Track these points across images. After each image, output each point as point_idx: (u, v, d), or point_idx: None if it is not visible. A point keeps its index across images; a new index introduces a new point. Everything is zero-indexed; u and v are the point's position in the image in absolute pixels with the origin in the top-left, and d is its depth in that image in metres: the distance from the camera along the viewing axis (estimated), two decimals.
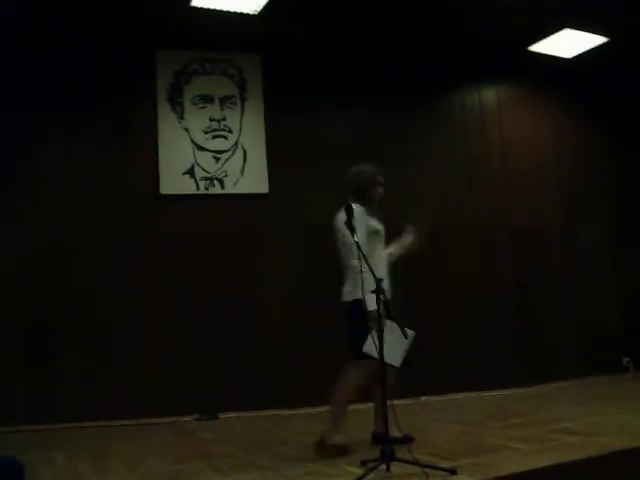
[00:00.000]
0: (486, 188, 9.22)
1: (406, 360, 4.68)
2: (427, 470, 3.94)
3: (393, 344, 4.45)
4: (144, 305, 7.63)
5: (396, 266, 8.35)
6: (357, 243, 4.49)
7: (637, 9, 8.03)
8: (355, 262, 4.85)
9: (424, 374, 8.06)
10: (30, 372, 7.14)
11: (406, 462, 4.10)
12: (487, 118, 9.42)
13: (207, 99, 8.14)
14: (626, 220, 9.74)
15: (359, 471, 4.12)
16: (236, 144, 8.16)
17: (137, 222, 7.77)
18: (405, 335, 4.43)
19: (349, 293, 5.26)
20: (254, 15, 7.55)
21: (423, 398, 8.08)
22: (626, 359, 9.38)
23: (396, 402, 4.41)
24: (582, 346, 9.28)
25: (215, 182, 8.03)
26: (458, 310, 8.76)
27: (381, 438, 4.55)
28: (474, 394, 8.29)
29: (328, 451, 4.85)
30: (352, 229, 4.56)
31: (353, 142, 8.57)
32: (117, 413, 7.17)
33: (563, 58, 9.27)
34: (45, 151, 7.55)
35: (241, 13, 7.50)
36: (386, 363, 4.36)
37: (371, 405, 5.40)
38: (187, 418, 7.30)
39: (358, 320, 4.87)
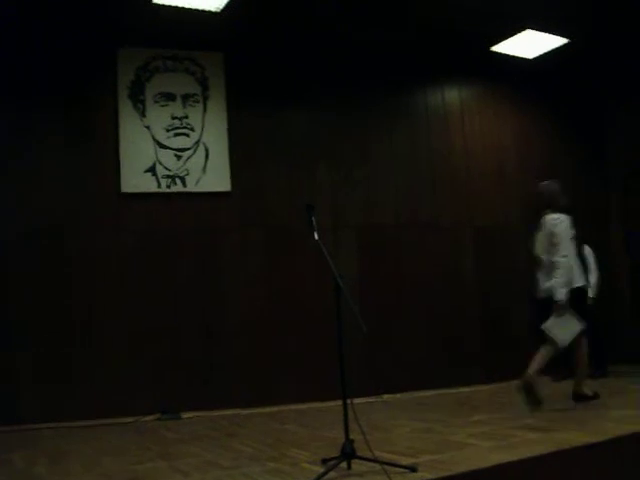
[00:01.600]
0: (449, 188, 9.25)
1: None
2: (387, 467, 3.93)
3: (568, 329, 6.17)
4: (106, 305, 7.55)
5: (362, 266, 8.48)
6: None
7: (598, 11, 8.13)
8: (564, 260, 6.19)
9: (386, 372, 8.11)
10: None
11: (366, 460, 4.10)
12: (450, 118, 9.47)
13: (169, 97, 8.07)
14: (587, 219, 9.80)
15: (319, 469, 4.11)
16: (198, 142, 8.11)
17: (98, 221, 7.68)
18: (578, 324, 6.16)
19: (555, 288, 6.22)
20: (216, 13, 7.50)
21: (385, 396, 8.09)
22: None
23: (357, 401, 4.39)
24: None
25: (177, 180, 7.97)
26: (421, 309, 8.79)
27: (581, 397, 6.41)
28: (437, 392, 8.33)
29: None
30: (313, 227, 4.52)
31: (315, 141, 8.60)
32: (78, 413, 7.07)
33: (525, 58, 9.35)
34: (3, 147, 7.40)
35: (203, 11, 7.45)
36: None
37: None
38: (149, 418, 7.23)
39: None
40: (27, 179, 7.46)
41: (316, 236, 4.50)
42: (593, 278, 8.85)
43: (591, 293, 8.70)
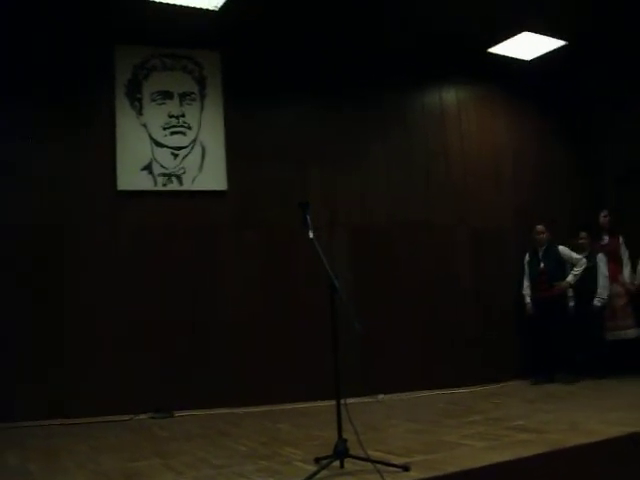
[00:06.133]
0: (444, 188, 9.26)
1: None
2: (379, 466, 3.94)
3: None
4: (100, 302, 7.54)
5: (356, 266, 8.49)
6: None
7: (594, 13, 8.16)
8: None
9: (381, 372, 8.11)
10: None
11: (359, 459, 4.11)
12: (447, 118, 9.48)
13: (166, 95, 8.07)
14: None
15: (312, 468, 4.12)
16: (195, 141, 8.11)
17: (94, 219, 7.67)
18: None
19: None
20: (215, 11, 7.51)
21: (380, 396, 8.10)
22: None
23: (352, 400, 4.40)
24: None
25: (173, 178, 7.97)
26: (415, 309, 8.79)
27: None
28: (432, 393, 8.34)
29: None
30: (307, 226, 4.52)
31: (311, 139, 8.61)
32: (71, 411, 7.08)
33: (523, 60, 9.37)
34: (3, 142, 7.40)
35: (201, 9, 7.45)
36: None
37: None
38: (142, 416, 7.23)
39: None
40: (23, 177, 7.44)
41: (311, 234, 4.49)
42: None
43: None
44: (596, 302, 8.83)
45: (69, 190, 7.59)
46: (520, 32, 8.52)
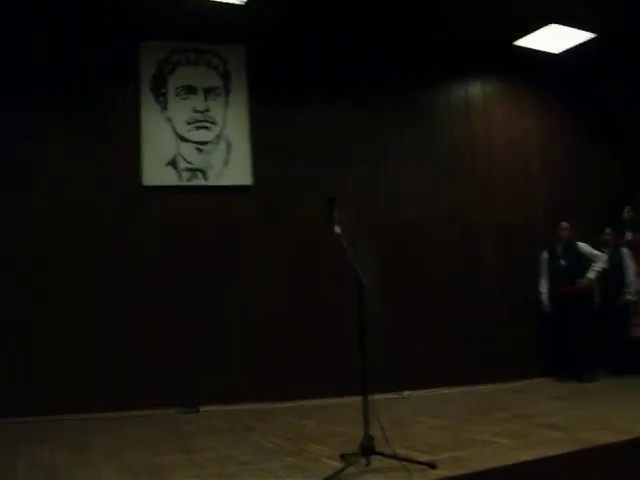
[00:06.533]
0: (471, 184, 9.17)
1: None
2: (406, 464, 3.90)
3: None
4: (127, 298, 7.54)
5: (383, 262, 8.42)
6: None
7: (626, 4, 8.01)
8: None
9: (407, 368, 8.05)
10: (9, 364, 7.03)
11: (385, 456, 4.06)
12: (473, 113, 9.37)
13: (191, 90, 8.05)
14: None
15: (338, 464, 4.08)
16: (219, 136, 8.09)
17: (119, 214, 7.68)
18: None
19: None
20: (240, 5, 7.47)
21: (405, 393, 8.04)
22: None
23: (377, 397, 4.35)
24: None
25: (198, 174, 7.95)
26: (442, 305, 8.72)
27: None
28: (457, 389, 8.27)
29: None
30: (333, 221, 4.48)
31: (337, 136, 8.55)
32: (98, 405, 7.08)
33: (551, 53, 9.23)
34: (24, 141, 7.42)
35: (227, 3, 7.42)
36: None
37: None
38: (168, 411, 7.24)
39: None
40: (49, 172, 7.48)
41: (337, 230, 4.46)
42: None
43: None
44: (628, 296, 8.73)
45: (94, 185, 7.61)
46: (549, 24, 8.38)
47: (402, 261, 8.65)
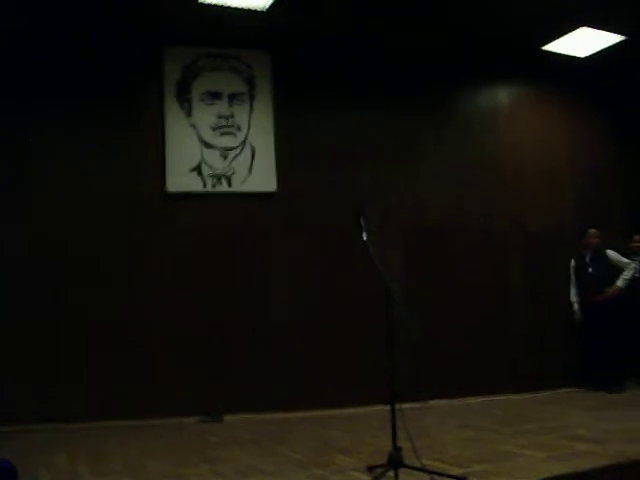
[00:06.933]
0: (499, 190, 9.05)
1: None
2: (436, 477, 3.81)
3: None
4: (150, 304, 7.50)
5: (409, 269, 8.33)
6: None
7: None
8: None
9: (432, 377, 7.94)
10: (32, 372, 7.02)
11: (414, 469, 3.97)
12: (501, 118, 9.26)
13: (215, 96, 8.00)
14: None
15: (366, 477, 4.00)
16: (244, 142, 8.03)
17: (143, 220, 7.64)
18: None
19: None
20: (263, 11, 7.43)
21: (431, 402, 7.92)
22: None
23: (403, 406, 4.26)
24: None
25: (222, 180, 7.90)
26: (468, 313, 8.59)
27: None
28: (485, 399, 8.15)
29: None
30: (361, 228, 4.42)
31: (364, 141, 8.46)
32: (120, 413, 7.04)
33: (578, 57, 9.11)
34: (51, 148, 7.42)
35: (249, 9, 7.38)
36: None
37: None
38: (191, 419, 7.17)
39: None
40: (74, 177, 7.46)
41: (365, 237, 4.40)
42: None
43: None
44: None
45: (119, 191, 7.58)
46: (580, 27, 8.24)
47: (430, 267, 8.54)
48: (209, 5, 7.24)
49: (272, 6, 7.31)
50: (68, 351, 7.16)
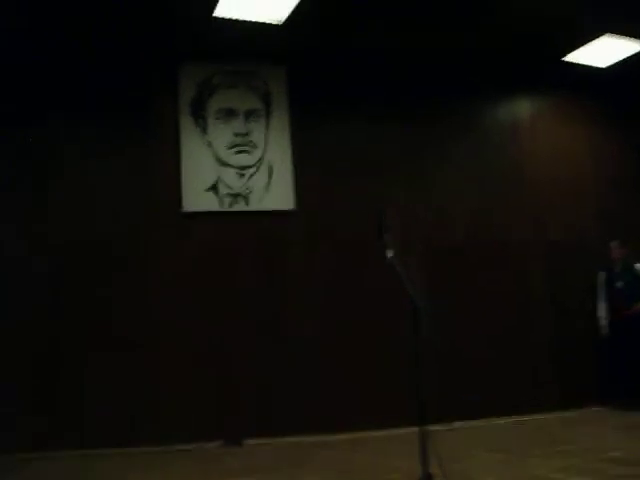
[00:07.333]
0: (520, 201, 8.87)
1: None
2: None
3: None
4: (166, 326, 7.36)
5: (432, 283, 8.13)
6: None
7: None
8: None
9: (457, 395, 7.74)
10: (49, 397, 6.89)
11: None
12: (521, 129, 9.09)
13: (231, 113, 7.88)
14: None
15: None
16: (261, 159, 7.89)
17: (159, 240, 7.51)
18: None
19: None
20: (278, 26, 7.30)
21: (456, 423, 7.69)
22: None
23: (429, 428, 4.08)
24: None
25: (239, 199, 7.76)
26: (492, 329, 8.38)
27: None
28: (510, 419, 7.91)
29: None
30: (385, 245, 4.26)
31: (382, 157, 8.32)
32: (139, 439, 6.88)
33: (598, 68, 8.94)
34: (63, 166, 7.34)
35: (264, 23, 7.26)
36: None
37: None
38: (211, 444, 6.98)
39: None
40: (87, 195, 7.36)
41: (389, 254, 4.24)
42: None
43: None
44: None
45: (133, 210, 7.47)
46: (602, 35, 8.06)
47: (453, 278, 8.34)
48: (224, 20, 7.11)
49: (288, 19, 7.18)
50: (83, 375, 7.02)
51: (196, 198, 7.63)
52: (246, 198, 7.79)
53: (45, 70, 7.35)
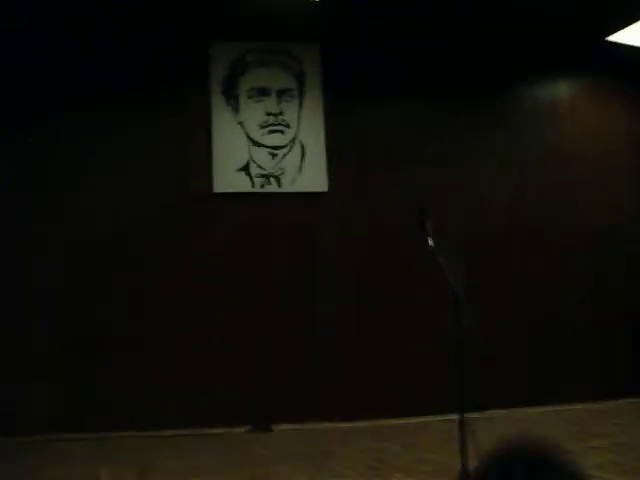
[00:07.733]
0: (559, 187, 8.66)
1: None
2: None
3: None
4: (195, 309, 7.31)
5: (468, 272, 7.94)
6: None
7: None
8: None
9: (488, 385, 7.58)
10: (79, 379, 6.90)
11: None
12: (560, 114, 8.86)
13: (263, 92, 7.73)
14: None
15: None
16: (294, 140, 7.74)
17: (189, 222, 7.44)
18: None
19: None
20: (314, 2, 7.14)
21: (488, 412, 7.53)
22: None
23: (455, 417, 3.95)
24: None
25: (271, 180, 7.63)
26: (528, 317, 8.22)
27: None
28: (543, 409, 7.75)
29: None
30: (426, 233, 4.11)
31: (416, 138, 8.15)
32: (167, 423, 6.84)
33: (637, 48, 8.66)
34: (93, 147, 7.29)
35: (300, 1, 7.10)
36: None
37: None
38: (240, 429, 6.89)
39: None
40: (119, 177, 7.32)
41: (430, 242, 4.09)
42: None
43: None
44: None
45: (163, 193, 7.40)
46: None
47: (488, 270, 8.17)
48: None
49: None
50: (114, 357, 7.01)
51: (227, 179, 7.52)
52: (278, 179, 7.65)
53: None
